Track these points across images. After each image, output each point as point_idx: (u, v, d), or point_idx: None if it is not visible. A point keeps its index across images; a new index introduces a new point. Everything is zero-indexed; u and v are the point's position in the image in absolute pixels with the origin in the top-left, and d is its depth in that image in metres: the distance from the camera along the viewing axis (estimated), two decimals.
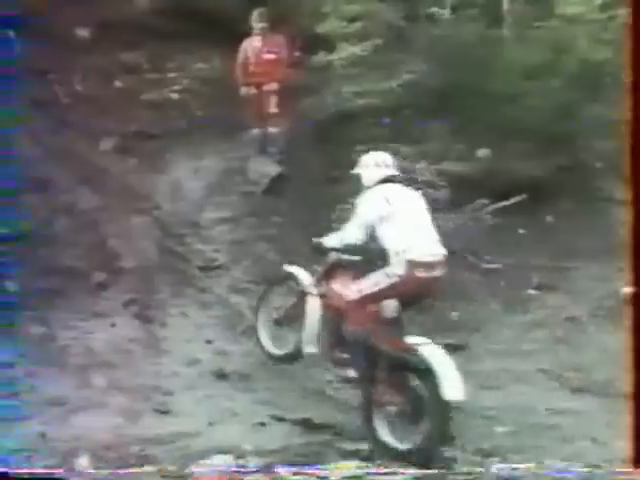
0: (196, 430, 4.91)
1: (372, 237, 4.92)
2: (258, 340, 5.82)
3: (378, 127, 8.74)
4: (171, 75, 9.78)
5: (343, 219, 7.56)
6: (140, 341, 6.02)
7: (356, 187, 8.03)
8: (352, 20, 9.15)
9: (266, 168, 8.55)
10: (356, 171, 5.36)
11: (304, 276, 5.52)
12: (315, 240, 5.37)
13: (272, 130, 8.81)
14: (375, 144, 8.40)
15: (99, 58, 9.67)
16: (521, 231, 8.51)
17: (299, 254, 7.38)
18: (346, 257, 5.23)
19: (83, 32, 9.94)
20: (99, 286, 6.50)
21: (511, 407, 5.63)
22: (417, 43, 10.12)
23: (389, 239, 4.83)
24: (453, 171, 8.37)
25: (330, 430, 5.06)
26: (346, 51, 9.05)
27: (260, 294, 5.97)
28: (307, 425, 5.09)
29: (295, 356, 5.47)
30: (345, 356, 5.06)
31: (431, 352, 4.69)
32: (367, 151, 5.48)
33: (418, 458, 4.56)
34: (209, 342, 6.22)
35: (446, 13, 10.79)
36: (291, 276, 5.65)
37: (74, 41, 9.75)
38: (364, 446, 4.78)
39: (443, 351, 4.72)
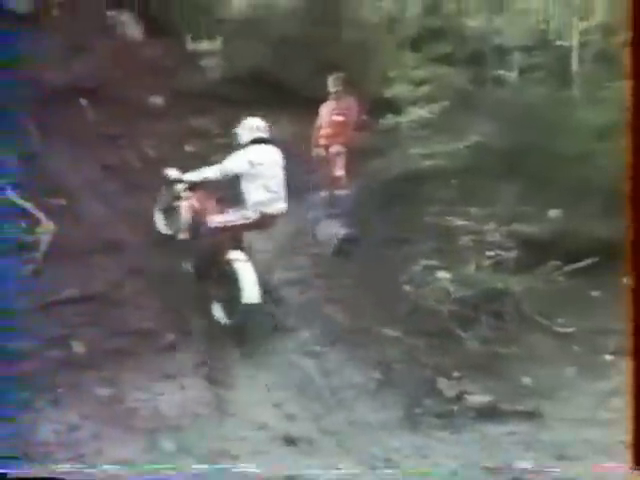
0: None
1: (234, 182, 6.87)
2: (154, 222, 7.96)
3: (446, 188, 8.72)
4: None
5: (412, 281, 7.61)
6: (209, 404, 5.97)
7: (425, 249, 8.04)
8: (419, 84, 9.24)
9: (335, 230, 8.58)
10: (236, 130, 7.16)
11: (180, 186, 7.36)
12: (170, 173, 7.45)
13: (339, 192, 8.86)
14: (443, 205, 8.44)
15: (170, 124, 9.95)
16: (595, 293, 8.27)
17: (369, 315, 7.40)
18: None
19: (157, 100, 10.26)
20: (169, 347, 6.51)
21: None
22: (484, 105, 10.16)
23: (248, 192, 6.83)
24: (523, 232, 8.23)
25: None
26: (413, 114, 9.13)
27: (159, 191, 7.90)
28: None
29: (174, 237, 7.57)
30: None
31: (240, 266, 6.70)
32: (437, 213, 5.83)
33: (235, 332, 6.74)
34: (277, 406, 6.15)
35: (513, 75, 10.82)
36: (178, 180, 7.35)
37: (147, 108, 10.06)
38: None
39: (250, 266, 6.70)
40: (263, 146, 6.98)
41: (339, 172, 8.94)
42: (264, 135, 7.05)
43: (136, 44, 10.89)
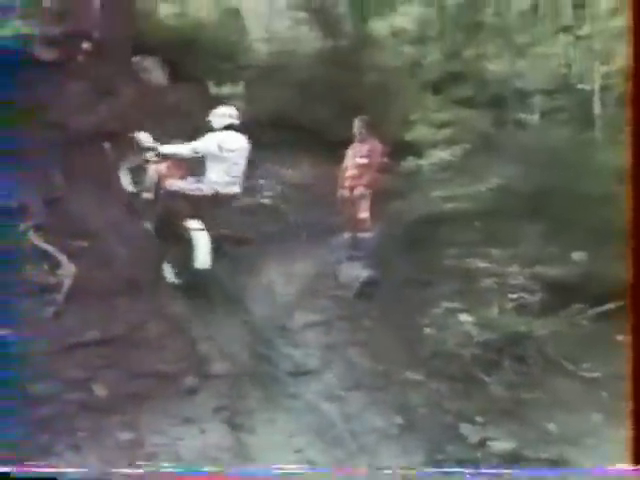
0: None
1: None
2: (119, 180, 8.68)
3: (468, 230, 8.68)
4: (262, 182, 10.03)
5: (435, 324, 7.55)
6: (229, 449, 5.91)
7: (447, 291, 7.99)
8: (440, 126, 9.27)
9: (357, 272, 8.55)
10: (209, 118, 7.87)
11: (151, 153, 7.89)
12: (143, 139, 7.96)
13: (362, 234, 8.86)
14: (465, 247, 8.40)
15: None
16: (620, 337, 8.13)
17: (390, 358, 7.32)
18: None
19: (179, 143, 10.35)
20: (189, 391, 6.47)
21: None
22: (506, 148, 10.16)
23: (210, 170, 7.66)
24: (547, 275, 8.16)
25: None
26: (435, 156, 9.15)
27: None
28: None
29: (139, 195, 8.38)
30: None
31: (197, 234, 7.46)
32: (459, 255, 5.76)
33: (186, 291, 7.54)
34: (298, 451, 6.07)
35: (535, 118, 10.85)
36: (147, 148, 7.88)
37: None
38: None
39: (206, 235, 7.49)
40: (233, 133, 7.77)
41: (363, 214, 8.95)
42: (235, 122, 7.84)
43: (160, 89, 11.05)
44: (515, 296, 8.02)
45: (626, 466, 4.19)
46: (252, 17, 13.28)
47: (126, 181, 8.66)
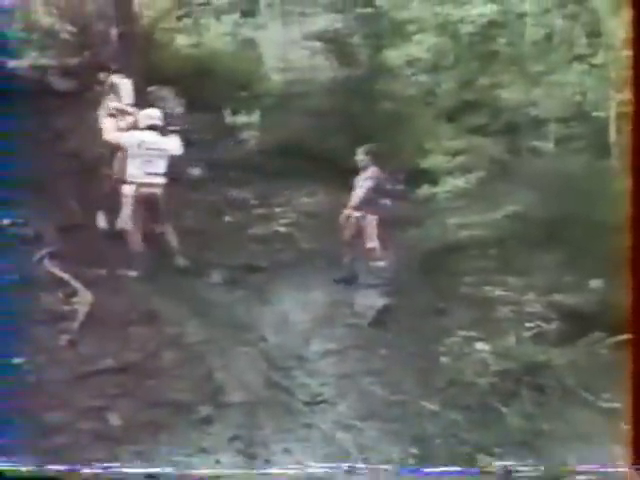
0: None
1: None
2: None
3: (484, 258, 8.65)
4: (278, 210, 10.06)
5: (451, 352, 7.49)
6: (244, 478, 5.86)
7: (464, 319, 7.94)
8: (455, 154, 9.29)
9: (372, 300, 8.50)
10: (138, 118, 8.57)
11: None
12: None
13: (377, 263, 8.82)
14: (481, 275, 8.36)
15: (209, 194, 10.08)
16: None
17: (406, 388, 7.25)
18: None
19: (195, 171, 10.43)
20: (204, 420, 6.42)
21: None
22: (521, 175, 10.16)
23: (129, 169, 8.27)
24: (564, 303, 8.12)
25: None
26: (450, 184, 9.16)
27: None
28: None
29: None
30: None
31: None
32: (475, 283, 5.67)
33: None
34: None
35: (549, 146, 10.84)
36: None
37: (185, 179, 10.21)
38: None
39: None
40: (155, 133, 8.41)
41: (371, 244, 8.88)
42: (158, 123, 8.49)
43: (176, 117, 11.14)
44: (532, 325, 7.96)
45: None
46: (268, 47, 13.40)
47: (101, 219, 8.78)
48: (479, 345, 7.64)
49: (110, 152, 8.78)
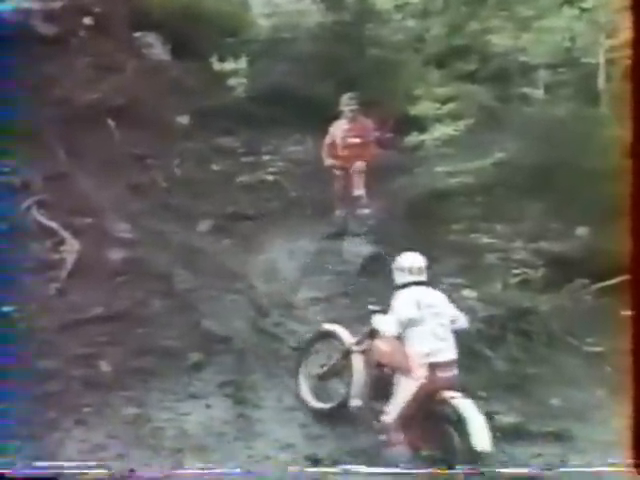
0: None
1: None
2: (298, 395, 6.29)
3: (472, 206, 8.67)
4: (265, 158, 10.00)
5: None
6: (234, 423, 5.95)
7: (451, 267, 7.97)
8: (445, 102, 9.22)
9: (360, 248, 8.52)
10: (393, 267, 5.97)
11: (345, 334, 6.15)
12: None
13: (364, 211, 8.82)
14: (469, 223, 8.39)
15: (197, 143, 10.00)
16: (624, 313, 8.13)
17: None
18: None
19: (182, 119, 10.33)
20: (194, 367, 6.49)
21: None
22: (510, 122, 10.13)
23: (413, 340, 5.51)
24: (550, 250, 8.18)
25: None
26: (439, 131, 9.12)
27: (301, 351, 6.51)
28: None
29: (339, 410, 5.97)
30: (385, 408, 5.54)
31: (463, 405, 5.26)
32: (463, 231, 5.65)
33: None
34: (303, 426, 6.10)
35: (539, 93, 10.79)
36: (332, 334, 6.25)
37: (173, 128, 10.12)
38: None
39: (473, 404, 5.27)
40: (425, 290, 5.82)
41: (358, 191, 8.85)
42: (424, 279, 5.90)
43: (163, 64, 11.00)
44: (519, 272, 8.04)
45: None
46: None
47: (309, 397, 6.28)
48: (466, 292, 7.70)
49: None
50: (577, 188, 8.54)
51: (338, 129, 8.95)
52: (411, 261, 5.90)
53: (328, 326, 6.38)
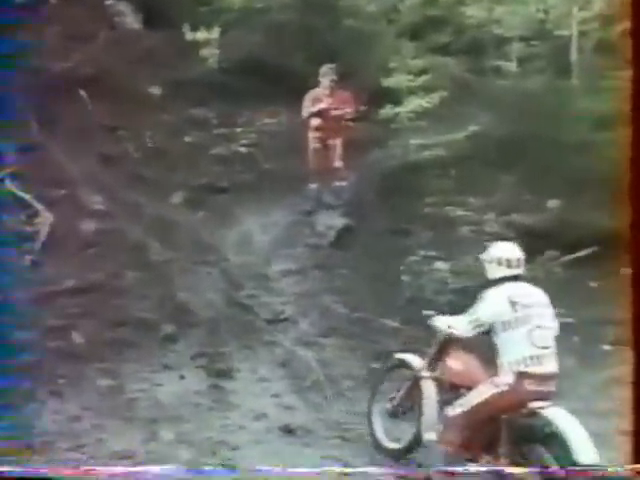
0: None
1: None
2: (373, 435, 5.57)
3: (445, 178, 8.71)
4: (239, 130, 9.94)
5: (411, 271, 7.62)
6: (208, 394, 6.00)
7: (424, 239, 8.02)
8: (418, 74, 9.22)
9: (333, 221, 8.55)
10: (482, 258, 5.14)
11: (415, 360, 5.41)
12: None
13: (337, 184, 8.85)
14: (442, 195, 8.43)
15: (169, 114, 9.92)
16: (593, 284, 8.26)
17: (367, 306, 7.39)
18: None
19: (155, 90, 10.23)
20: (168, 338, 6.53)
21: None
22: (483, 95, 10.15)
23: (503, 345, 4.69)
24: (522, 222, 8.25)
25: None
26: (412, 104, 9.11)
27: (372, 385, 5.82)
28: None
29: (413, 447, 5.23)
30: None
31: (554, 413, 4.49)
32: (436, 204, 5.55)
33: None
34: (276, 396, 6.17)
35: (512, 65, 10.81)
36: (402, 363, 5.56)
37: (146, 98, 10.02)
38: None
39: (566, 411, 4.50)
40: (524, 286, 4.99)
41: (337, 163, 8.88)
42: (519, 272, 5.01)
43: (135, 34, 10.86)
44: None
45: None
46: None
47: (382, 436, 5.55)
48: (438, 264, 7.77)
49: None
50: (549, 161, 8.61)
51: (316, 101, 8.92)
52: (509, 252, 5.00)
53: (399, 355, 5.69)
